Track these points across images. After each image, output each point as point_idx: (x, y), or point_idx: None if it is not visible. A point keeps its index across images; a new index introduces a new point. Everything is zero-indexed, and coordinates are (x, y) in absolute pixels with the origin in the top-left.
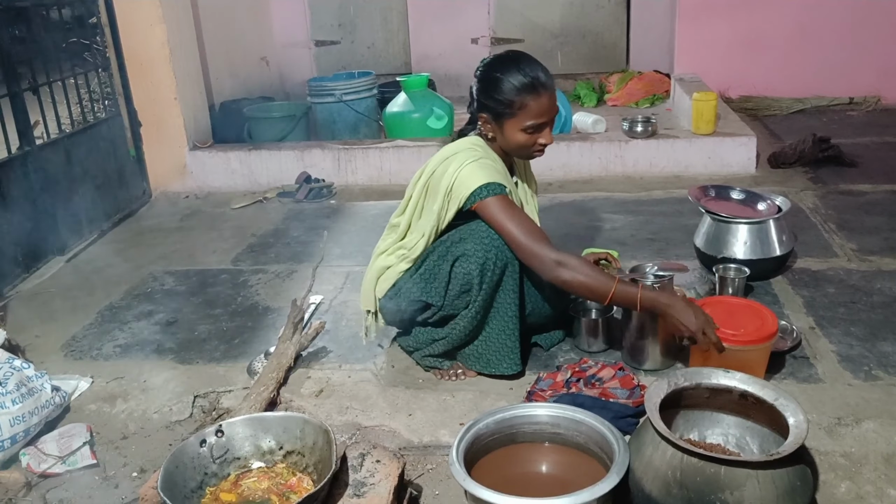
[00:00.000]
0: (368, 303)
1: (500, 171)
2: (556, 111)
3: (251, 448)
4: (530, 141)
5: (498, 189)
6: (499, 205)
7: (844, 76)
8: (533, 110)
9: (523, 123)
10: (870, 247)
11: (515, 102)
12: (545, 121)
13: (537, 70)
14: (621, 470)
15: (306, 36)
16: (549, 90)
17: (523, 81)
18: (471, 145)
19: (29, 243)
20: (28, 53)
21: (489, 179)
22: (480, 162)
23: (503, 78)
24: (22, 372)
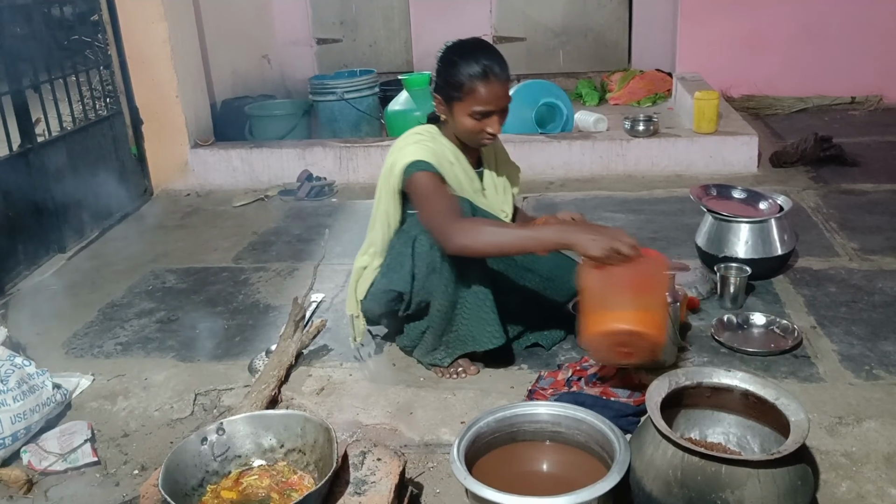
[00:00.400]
0: (351, 307)
1: (441, 154)
2: (506, 102)
3: (252, 446)
4: (477, 127)
5: (424, 166)
6: (421, 181)
7: (846, 75)
8: (481, 97)
9: (470, 108)
10: (871, 246)
11: (465, 86)
12: (492, 109)
13: (492, 58)
14: (622, 469)
15: (308, 34)
16: (500, 79)
17: (475, 67)
18: (419, 131)
19: (30, 241)
20: (30, 51)
21: (419, 157)
22: (419, 145)
23: (457, 61)
24: (23, 369)
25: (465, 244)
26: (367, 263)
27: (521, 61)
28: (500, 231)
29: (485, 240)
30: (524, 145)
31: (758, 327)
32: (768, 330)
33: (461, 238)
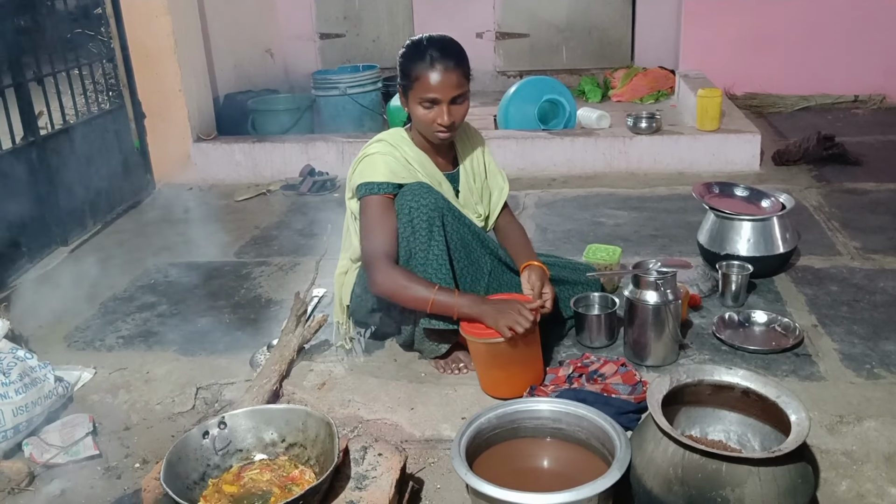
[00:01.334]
0: (337, 314)
1: (401, 162)
2: (454, 92)
3: (253, 440)
4: (428, 117)
5: (375, 189)
6: (370, 207)
7: (850, 74)
8: (426, 84)
9: (418, 96)
10: (873, 245)
11: (412, 74)
12: (437, 97)
13: (440, 48)
14: (623, 466)
15: (311, 28)
16: (444, 65)
17: (420, 54)
18: (383, 137)
19: (32, 234)
20: (33, 44)
21: (372, 178)
22: (376, 157)
23: (407, 51)
24: (25, 362)
25: (383, 292)
26: (346, 268)
27: (524, 58)
28: (413, 290)
29: (401, 295)
30: (527, 142)
31: (759, 325)
32: (769, 328)
33: (382, 286)
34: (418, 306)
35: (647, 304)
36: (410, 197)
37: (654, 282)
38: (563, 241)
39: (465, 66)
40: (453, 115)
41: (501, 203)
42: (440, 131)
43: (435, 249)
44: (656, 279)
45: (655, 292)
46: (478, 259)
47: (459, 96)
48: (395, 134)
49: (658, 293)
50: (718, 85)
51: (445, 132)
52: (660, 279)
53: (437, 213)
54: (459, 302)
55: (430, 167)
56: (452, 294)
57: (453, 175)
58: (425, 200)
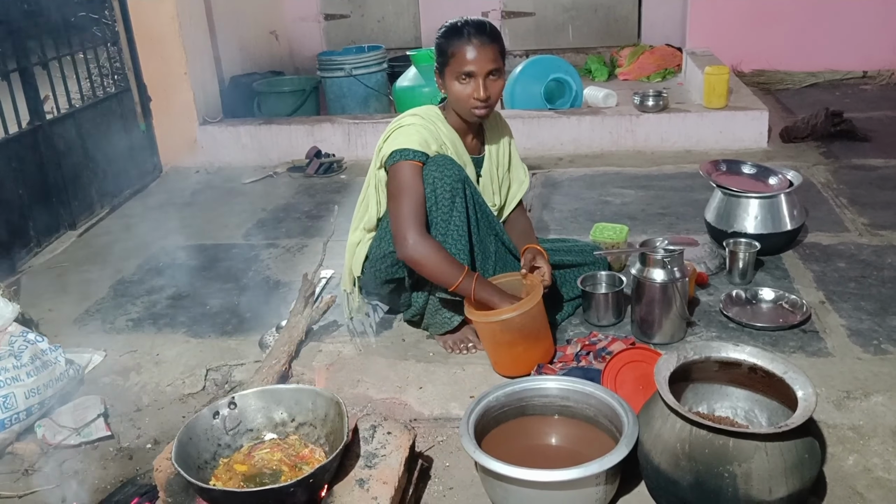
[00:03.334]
0: (346, 283)
1: (436, 138)
2: (490, 66)
3: (264, 420)
4: (464, 93)
5: (410, 155)
6: (402, 171)
7: (858, 50)
8: (461, 58)
9: (455, 71)
10: (881, 221)
11: (448, 51)
12: (473, 70)
13: (475, 24)
14: (630, 442)
15: (316, 9)
16: (480, 41)
17: (456, 30)
18: (417, 112)
19: (41, 218)
20: (38, 28)
21: (406, 145)
22: (411, 127)
23: (444, 30)
24: (36, 345)
25: (412, 259)
26: (359, 238)
27: (530, 36)
28: (445, 267)
29: (429, 268)
30: (533, 121)
31: (766, 302)
32: (777, 305)
33: (413, 252)
34: (442, 282)
35: (654, 282)
36: (434, 167)
37: (661, 260)
38: (570, 220)
39: (501, 43)
40: (489, 89)
41: (520, 196)
42: (477, 107)
43: (456, 220)
44: (663, 257)
45: (663, 270)
46: (484, 238)
47: (495, 70)
48: (428, 110)
49: (665, 271)
50: (726, 62)
51: (483, 108)
52: (667, 257)
53: (459, 185)
54: (479, 290)
55: (460, 147)
56: (472, 280)
57: (478, 160)
58: (449, 171)
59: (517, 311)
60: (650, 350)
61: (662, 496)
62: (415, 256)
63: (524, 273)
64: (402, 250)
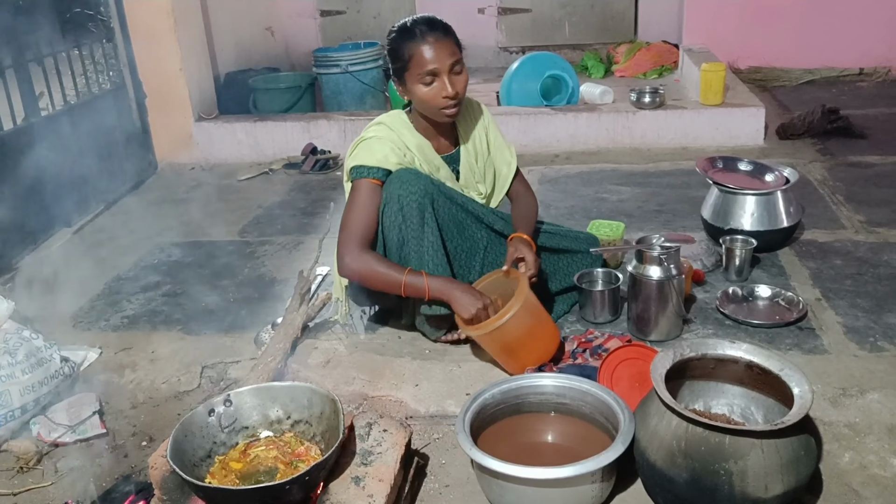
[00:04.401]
0: (337, 290)
1: (398, 145)
2: (451, 60)
3: (259, 417)
4: (431, 94)
5: (365, 172)
6: (357, 189)
7: (854, 47)
8: (420, 58)
9: (416, 73)
10: (878, 219)
11: (404, 54)
12: (436, 67)
13: (425, 21)
14: (626, 439)
15: (312, 6)
16: (435, 36)
17: (408, 31)
18: (382, 120)
19: (36, 215)
20: (33, 24)
21: (365, 161)
22: (373, 141)
23: (394, 34)
24: (31, 342)
25: (352, 273)
26: None
27: (526, 33)
28: (385, 274)
29: (372, 279)
30: (529, 118)
31: (763, 299)
32: (773, 302)
33: (351, 267)
34: (391, 289)
35: (650, 279)
36: (398, 185)
37: (657, 257)
38: (566, 217)
39: (454, 35)
40: (455, 85)
41: (510, 178)
42: (446, 106)
43: (429, 236)
44: (660, 254)
45: (659, 267)
46: (472, 235)
47: (456, 63)
48: (395, 117)
49: (661, 268)
50: (722, 59)
51: (452, 106)
52: (663, 254)
53: (427, 199)
54: (430, 284)
55: (429, 152)
56: (421, 276)
57: (453, 156)
58: (414, 187)
59: (509, 313)
60: (646, 347)
61: (658, 493)
62: (354, 269)
63: (506, 269)
64: (340, 268)
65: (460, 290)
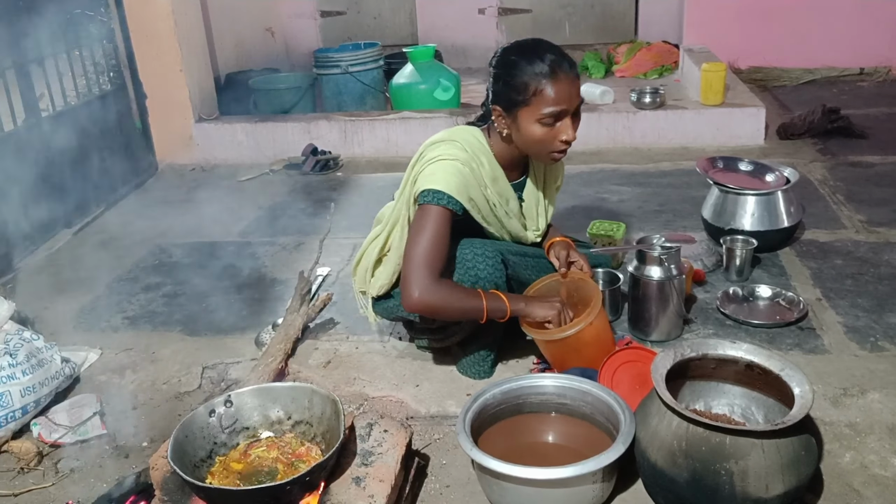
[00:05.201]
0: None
1: (476, 175)
2: (578, 101)
3: (260, 418)
4: (549, 136)
5: (444, 200)
6: (429, 215)
7: (855, 47)
8: (549, 97)
9: (538, 112)
10: (878, 218)
11: (530, 87)
12: (564, 108)
13: (556, 53)
14: (627, 440)
15: (312, 6)
16: (569, 75)
17: (540, 64)
18: (460, 138)
19: (36, 216)
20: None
21: (443, 188)
22: (452, 165)
23: (518, 60)
24: (32, 343)
25: (424, 306)
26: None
27: (526, 33)
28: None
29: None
30: None
31: (763, 300)
32: (774, 302)
33: (424, 297)
34: (471, 316)
35: (651, 279)
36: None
37: (658, 257)
38: (566, 218)
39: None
40: (576, 129)
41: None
42: (560, 150)
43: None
44: (660, 254)
45: (659, 267)
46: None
47: (580, 105)
48: (472, 137)
49: (662, 268)
50: (723, 59)
51: (564, 151)
52: (664, 254)
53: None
54: (512, 305)
55: (503, 184)
56: (500, 298)
57: (519, 184)
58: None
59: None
60: (647, 350)
61: (659, 493)
62: (428, 303)
63: (563, 272)
64: (408, 300)
65: (537, 304)
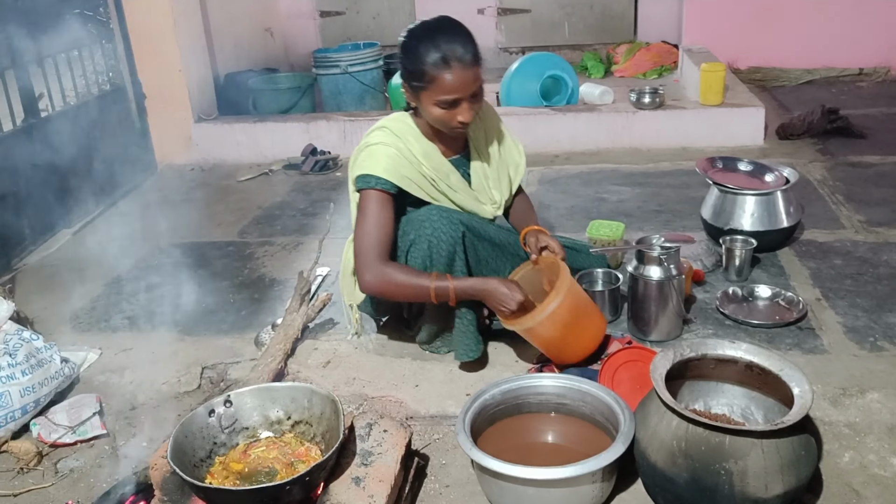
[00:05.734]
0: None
1: (404, 154)
2: (475, 87)
3: (259, 418)
4: (447, 116)
5: (373, 182)
6: (367, 200)
7: (854, 47)
8: (445, 85)
9: (435, 97)
10: (877, 218)
11: (426, 75)
12: (459, 97)
13: (454, 41)
14: (627, 440)
15: (311, 6)
16: (464, 64)
17: (435, 53)
18: (388, 125)
19: (36, 216)
20: (32, 25)
21: (372, 171)
22: (379, 148)
23: (417, 48)
24: (31, 343)
25: (376, 289)
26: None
27: (525, 33)
28: (412, 284)
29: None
30: (529, 118)
31: (763, 299)
32: (773, 302)
33: (374, 283)
34: (420, 299)
35: (650, 279)
36: (430, 226)
37: (657, 257)
38: (566, 218)
39: (479, 54)
40: (474, 110)
41: (518, 180)
42: (459, 127)
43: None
44: (660, 254)
45: (659, 268)
46: (499, 267)
47: (478, 90)
48: (400, 122)
49: (662, 268)
50: (722, 59)
51: (464, 128)
52: (663, 254)
53: (458, 245)
54: (457, 285)
55: (437, 158)
56: (447, 279)
57: (462, 159)
58: (444, 233)
59: (558, 297)
60: (647, 350)
61: (659, 493)
62: (376, 285)
63: (535, 258)
64: (362, 285)
65: (495, 282)
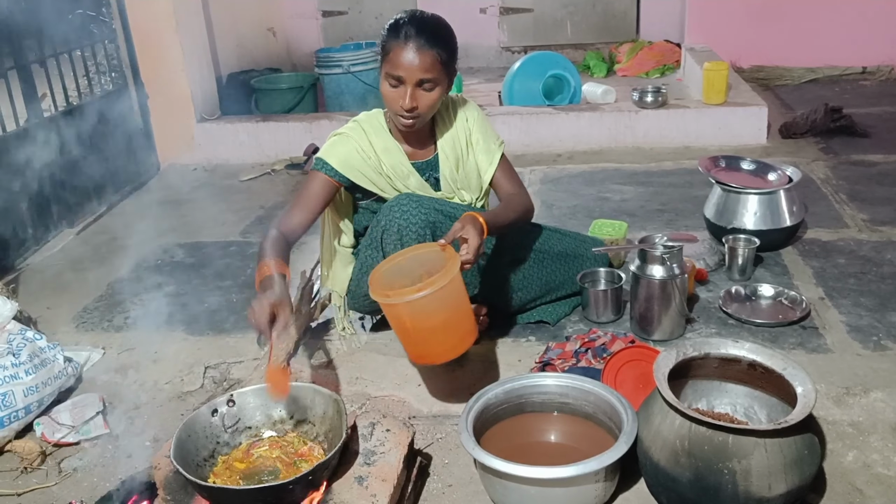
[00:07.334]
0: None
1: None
2: (420, 75)
3: (262, 417)
4: (393, 96)
5: (321, 166)
6: (311, 179)
7: (857, 46)
8: (391, 60)
9: (385, 70)
10: (881, 217)
11: (385, 46)
12: (401, 75)
13: (420, 26)
14: (630, 439)
15: (313, 6)
16: (417, 45)
17: (395, 27)
18: (361, 118)
19: (39, 216)
20: (35, 25)
21: (327, 158)
22: (341, 139)
23: (389, 24)
24: (34, 343)
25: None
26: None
27: (528, 32)
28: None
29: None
30: (531, 117)
31: (766, 299)
32: (776, 301)
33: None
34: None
35: (653, 278)
36: (399, 213)
37: (660, 256)
38: (568, 217)
39: (444, 50)
40: (417, 99)
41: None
42: (402, 115)
43: None
44: (662, 253)
45: (662, 267)
46: None
47: (428, 81)
48: (372, 116)
49: (664, 267)
50: (725, 58)
51: (408, 118)
52: (666, 253)
53: (427, 229)
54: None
55: (397, 157)
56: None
57: (431, 162)
58: (415, 217)
59: (429, 288)
60: (650, 349)
61: (662, 493)
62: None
63: (442, 244)
64: None
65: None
